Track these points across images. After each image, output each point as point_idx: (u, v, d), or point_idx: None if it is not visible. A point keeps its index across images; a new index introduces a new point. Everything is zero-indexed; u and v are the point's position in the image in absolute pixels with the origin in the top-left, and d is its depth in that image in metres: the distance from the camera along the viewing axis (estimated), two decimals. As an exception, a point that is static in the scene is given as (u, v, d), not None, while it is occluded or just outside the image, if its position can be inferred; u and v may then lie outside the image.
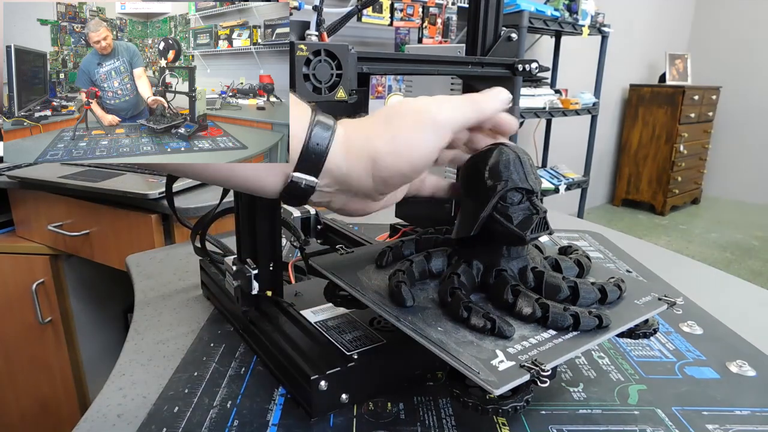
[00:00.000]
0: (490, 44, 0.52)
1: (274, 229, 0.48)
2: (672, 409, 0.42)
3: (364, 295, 0.40)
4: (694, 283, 0.69)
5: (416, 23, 2.24)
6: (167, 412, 0.41)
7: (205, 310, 0.59)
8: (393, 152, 0.34)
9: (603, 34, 2.87)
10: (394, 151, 0.34)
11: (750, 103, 4.39)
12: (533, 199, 0.40)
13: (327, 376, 0.39)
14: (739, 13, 4.36)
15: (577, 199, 3.21)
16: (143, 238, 1.11)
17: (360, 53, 0.41)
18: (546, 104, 2.61)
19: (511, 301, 0.38)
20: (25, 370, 1.39)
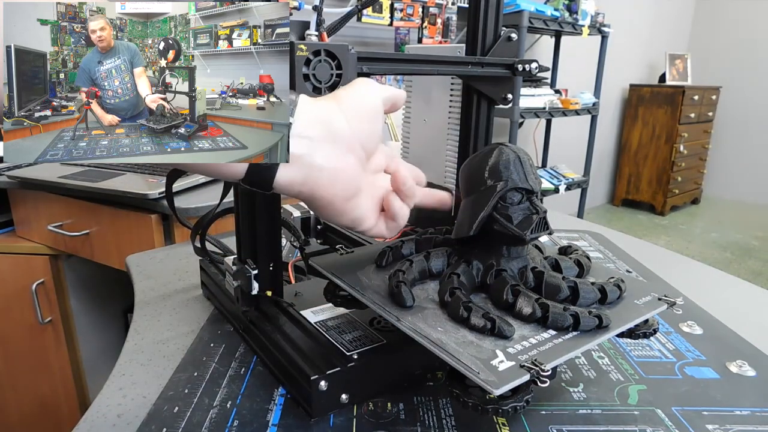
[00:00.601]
0: (490, 44, 0.52)
1: (274, 229, 0.48)
2: (672, 409, 0.42)
3: (364, 295, 0.40)
4: (694, 283, 0.69)
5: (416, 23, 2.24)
6: (167, 412, 0.41)
7: (205, 310, 0.59)
8: (349, 88, 0.38)
9: (603, 34, 2.87)
10: (350, 88, 0.38)
11: (750, 103, 4.39)
12: (533, 199, 0.40)
13: (327, 376, 0.39)
14: (739, 13, 4.36)
15: (577, 199, 3.21)
16: (143, 238, 1.11)
17: (360, 53, 0.41)
18: (546, 104, 2.61)
19: (511, 301, 0.38)
20: (25, 370, 1.39)
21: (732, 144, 4.54)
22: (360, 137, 0.37)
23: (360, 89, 0.38)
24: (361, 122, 0.37)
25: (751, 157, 4.46)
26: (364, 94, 0.38)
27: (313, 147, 0.34)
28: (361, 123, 0.37)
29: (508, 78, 0.52)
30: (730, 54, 4.46)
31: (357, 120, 0.37)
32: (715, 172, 4.62)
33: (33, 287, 1.29)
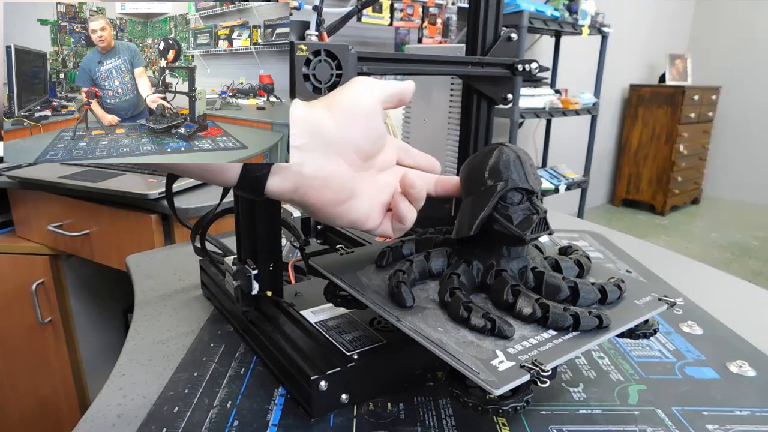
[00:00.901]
0: (490, 44, 0.52)
1: (274, 229, 0.48)
2: (672, 409, 0.42)
3: (364, 295, 0.40)
4: (694, 283, 0.69)
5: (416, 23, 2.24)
6: (167, 412, 0.41)
7: (205, 310, 0.59)
8: (343, 90, 0.38)
9: (603, 34, 2.87)
10: (344, 90, 0.38)
11: (750, 103, 4.39)
12: (533, 199, 0.40)
13: (327, 376, 0.39)
14: (739, 13, 4.36)
15: (577, 199, 3.21)
16: (143, 238, 1.11)
17: (360, 53, 0.41)
18: (546, 104, 2.61)
19: (511, 301, 0.38)
20: (25, 370, 1.39)
21: (732, 144, 4.54)
22: (352, 141, 0.37)
23: (355, 90, 0.38)
24: (353, 126, 0.37)
25: (751, 157, 4.46)
26: (358, 95, 0.38)
27: (302, 156, 0.34)
28: (353, 126, 0.37)
29: (508, 78, 0.52)
30: (730, 54, 4.46)
31: (349, 124, 0.36)
32: (715, 172, 4.62)
33: (33, 287, 1.29)
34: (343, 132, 0.36)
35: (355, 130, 0.37)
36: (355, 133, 0.37)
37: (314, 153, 0.35)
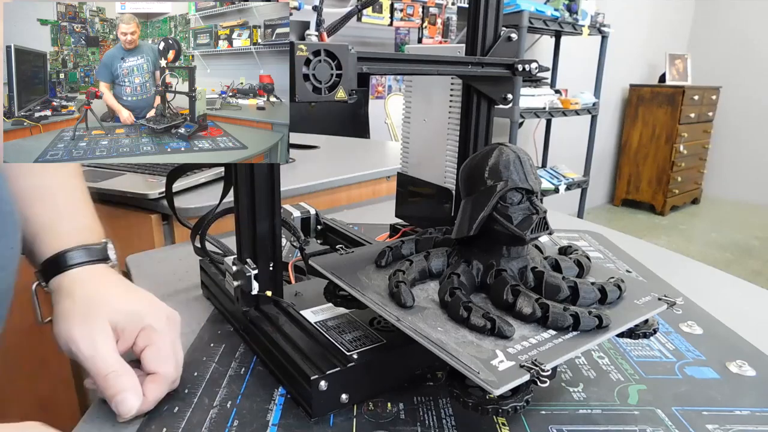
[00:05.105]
0: (490, 44, 0.52)
1: (274, 229, 0.48)
2: (672, 409, 0.42)
3: (364, 295, 0.40)
4: (694, 283, 0.69)
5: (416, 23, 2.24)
6: (167, 412, 0.41)
7: (205, 310, 0.59)
8: None
9: (603, 34, 2.87)
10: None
11: (750, 103, 4.39)
12: (533, 199, 0.40)
13: (327, 376, 0.39)
14: (739, 13, 4.36)
15: (577, 199, 3.22)
16: (143, 238, 1.10)
17: (360, 53, 0.41)
18: (546, 104, 2.61)
19: (511, 301, 0.38)
20: (25, 370, 1.39)
21: (732, 144, 4.54)
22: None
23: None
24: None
25: (751, 157, 4.46)
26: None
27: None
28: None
29: (508, 78, 0.52)
30: (730, 54, 4.46)
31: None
32: (715, 172, 4.62)
33: (33, 287, 1.29)
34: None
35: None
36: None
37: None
